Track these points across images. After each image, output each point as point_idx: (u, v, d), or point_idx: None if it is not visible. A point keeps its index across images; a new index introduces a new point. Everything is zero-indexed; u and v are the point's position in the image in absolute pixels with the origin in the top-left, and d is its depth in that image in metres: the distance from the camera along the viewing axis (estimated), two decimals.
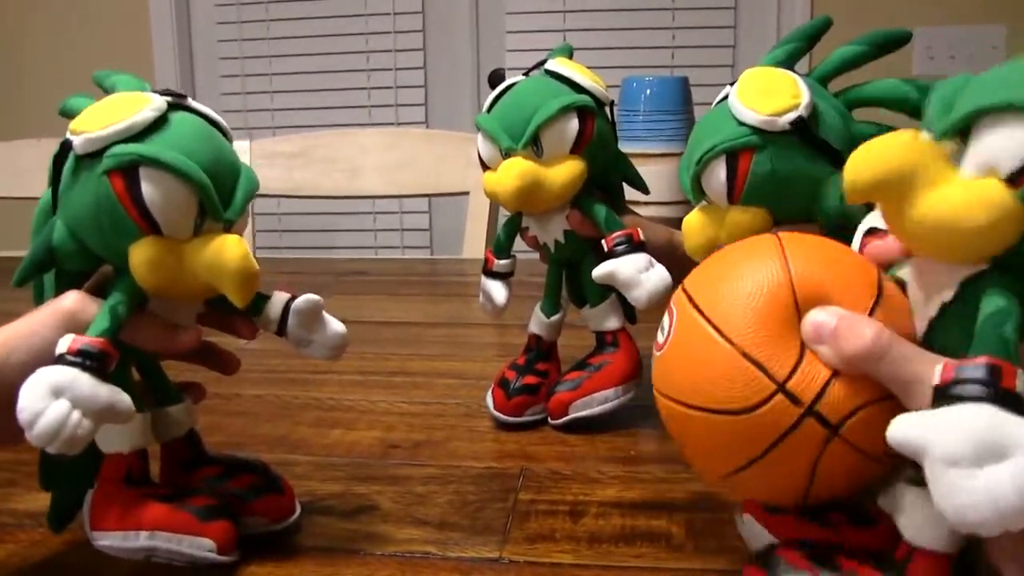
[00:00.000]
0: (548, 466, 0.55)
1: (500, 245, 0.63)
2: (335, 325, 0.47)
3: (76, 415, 0.36)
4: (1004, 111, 0.29)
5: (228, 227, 0.42)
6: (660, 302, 0.55)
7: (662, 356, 0.37)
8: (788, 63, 0.50)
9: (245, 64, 2.38)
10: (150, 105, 0.40)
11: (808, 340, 0.34)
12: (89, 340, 0.38)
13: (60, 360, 0.37)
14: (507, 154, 0.58)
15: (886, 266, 0.36)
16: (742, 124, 0.46)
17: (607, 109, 0.59)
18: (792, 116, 0.45)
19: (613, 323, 0.61)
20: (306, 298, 0.46)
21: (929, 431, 0.28)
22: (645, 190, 0.65)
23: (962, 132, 0.31)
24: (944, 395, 0.28)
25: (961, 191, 0.29)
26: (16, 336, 0.39)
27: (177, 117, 0.41)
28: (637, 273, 0.55)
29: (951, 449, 0.27)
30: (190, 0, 2.43)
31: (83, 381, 0.37)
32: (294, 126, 2.35)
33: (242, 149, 1.34)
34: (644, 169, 0.65)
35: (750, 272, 0.35)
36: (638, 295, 0.55)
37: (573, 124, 0.56)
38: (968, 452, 0.27)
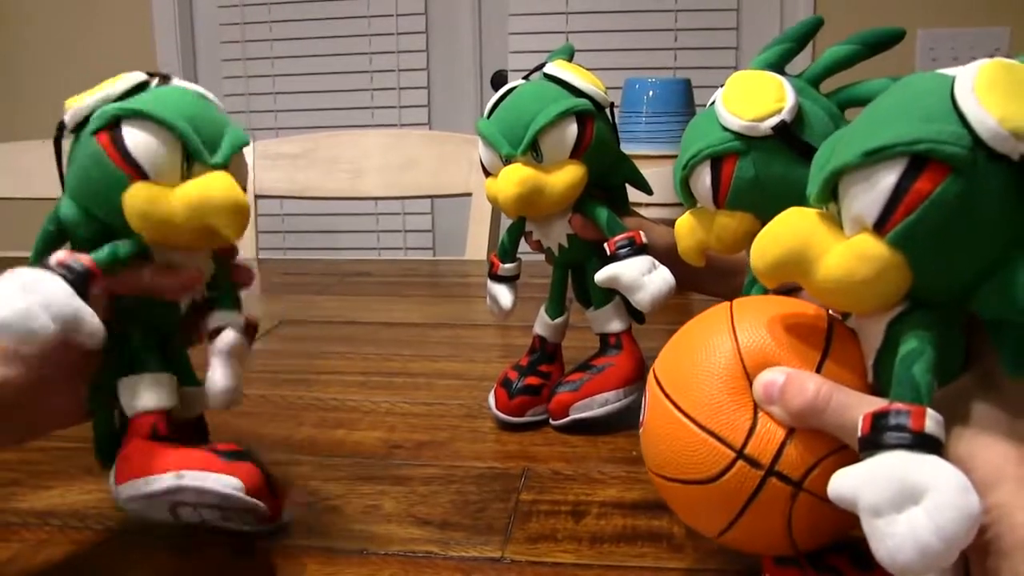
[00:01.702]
0: (550, 466, 0.55)
1: (505, 249, 0.63)
2: (224, 373, 0.44)
3: (42, 314, 0.36)
4: (851, 168, 0.31)
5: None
6: (664, 304, 0.56)
7: (643, 432, 0.39)
8: (779, 64, 0.49)
9: (248, 65, 2.39)
10: (132, 76, 0.42)
11: (760, 402, 0.35)
12: (77, 256, 0.40)
13: (43, 266, 0.39)
14: (507, 160, 0.58)
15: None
16: (726, 129, 0.46)
17: (607, 112, 0.59)
18: (774, 121, 0.45)
19: (617, 325, 0.62)
20: (227, 334, 0.45)
21: (855, 484, 0.29)
22: (648, 191, 0.65)
23: (833, 194, 0.33)
24: (866, 445, 0.30)
25: (843, 251, 0.31)
26: None
27: (161, 87, 0.43)
28: (640, 276, 0.55)
29: (872, 499, 0.28)
30: (193, 1, 2.44)
31: (56, 286, 0.38)
32: (297, 127, 2.35)
33: (245, 150, 1.35)
34: (647, 170, 0.65)
35: (701, 348, 0.37)
36: (641, 298, 0.55)
37: (572, 129, 0.57)
38: (887, 500, 0.28)
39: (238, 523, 0.43)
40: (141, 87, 0.43)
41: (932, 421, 0.29)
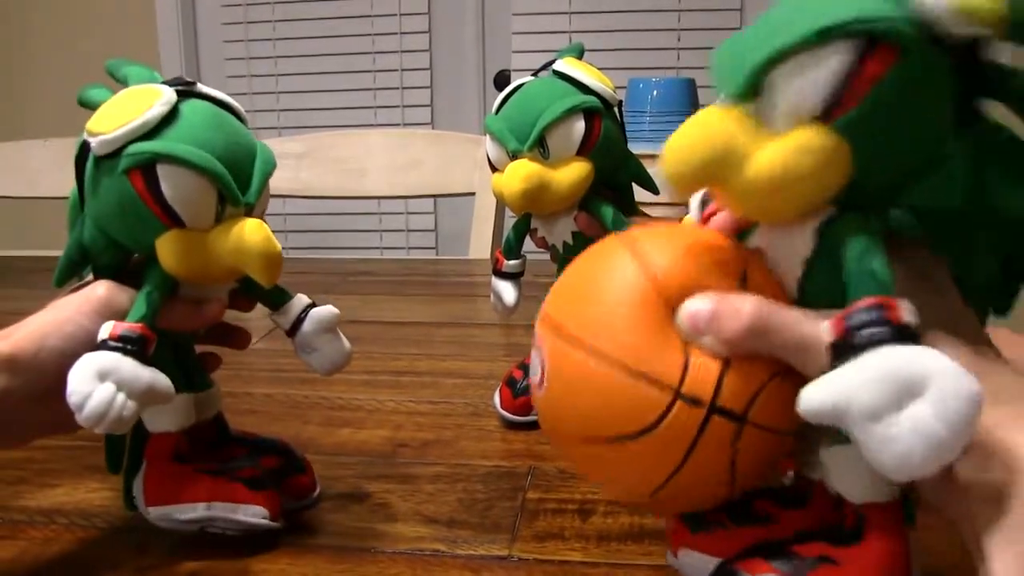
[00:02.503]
0: (556, 465, 0.55)
1: (510, 246, 0.63)
2: (344, 342, 0.49)
3: (121, 397, 0.38)
4: (794, 52, 0.28)
5: (249, 210, 0.42)
6: None
7: (543, 396, 0.34)
8: None
9: (251, 64, 2.39)
10: (160, 100, 0.40)
11: (688, 334, 0.31)
12: (129, 325, 0.40)
13: (103, 345, 0.39)
14: (514, 156, 0.58)
15: (735, 236, 0.35)
16: None
17: (615, 110, 0.59)
18: None
19: None
20: (327, 308, 0.48)
21: (841, 392, 0.27)
22: (655, 190, 0.65)
23: (758, 88, 0.30)
24: (842, 350, 0.27)
25: (780, 147, 0.29)
26: (51, 323, 0.41)
27: (188, 107, 0.41)
28: None
29: (868, 403, 0.26)
30: (196, 1, 2.44)
31: (126, 364, 0.39)
32: (299, 126, 2.36)
33: None
34: (651, 170, 0.65)
35: (606, 281, 0.33)
36: None
37: (579, 126, 0.56)
38: (886, 400, 0.26)
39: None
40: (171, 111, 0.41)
41: (907, 311, 0.27)
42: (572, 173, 0.57)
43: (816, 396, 0.27)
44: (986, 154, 0.30)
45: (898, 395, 0.26)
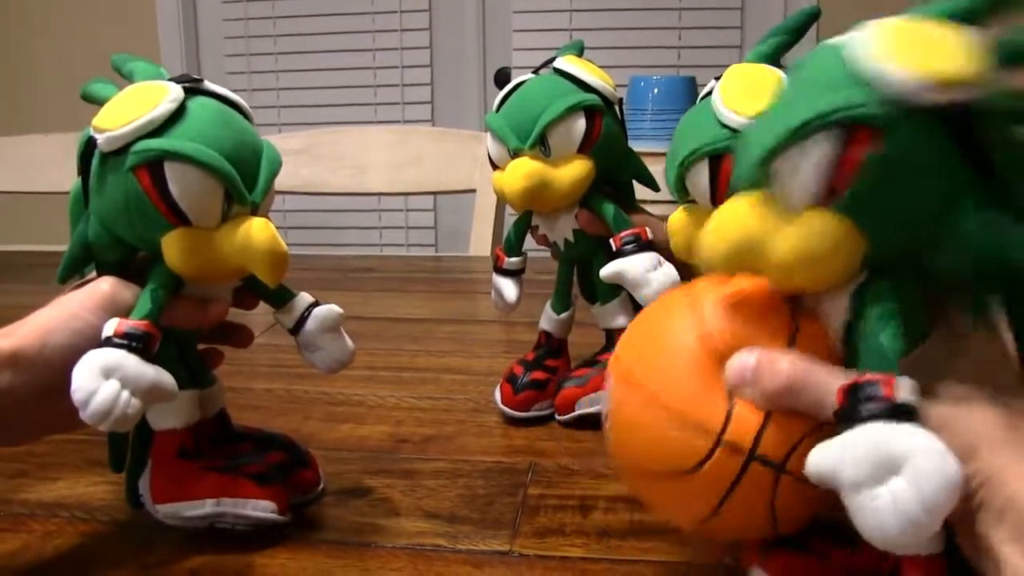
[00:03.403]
0: (557, 461, 0.56)
1: (511, 243, 0.63)
2: (347, 341, 0.49)
3: (125, 394, 0.38)
4: (781, 148, 0.31)
5: (255, 208, 0.42)
6: None
7: (610, 427, 0.37)
8: (774, 57, 0.49)
9: (251, 61, 2.39)
10: (168, 96, 0.40)
11: (733, 386, 0.34)
12: (134, 323, 0.40)
13: (107, 343, 0.39)
14: (515, 154, 0.58)
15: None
16: (724, 126, 0.46)
17: (616, 107, 0.59)
18: None
19: (623, 321, 0.62)
20: (331, 307, 0.48)
21: (833, 460, 0.29)
22: (655, 188, 0.65)
23: (765, 178, 0.32)
24: (842, 419, 0.29)
25: (793, 232, 0.31)
26: (56, 319, 0.41)
27: (195, 105, 0.41)
28: (645, 272, 0.55)
29: (852, 474, 0.28)
30: None
31: (130, 362, 0.39)
32: (299, 123, 2.36)
33: None
34: (652, 167, 0.65)
35: (668, 333, 0.36)
36: (646, 294, 0.55)
37: (580, 124, 0.57)
38: (866, 473, 0.28)
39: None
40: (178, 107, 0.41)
41: (904, 389, 0.29)
42: (573, 171, 0.57)
43: (817, 459, 0.30)
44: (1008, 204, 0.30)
45: (879, 470, 0.28)
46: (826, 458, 0.29)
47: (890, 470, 0.27)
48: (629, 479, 0.38)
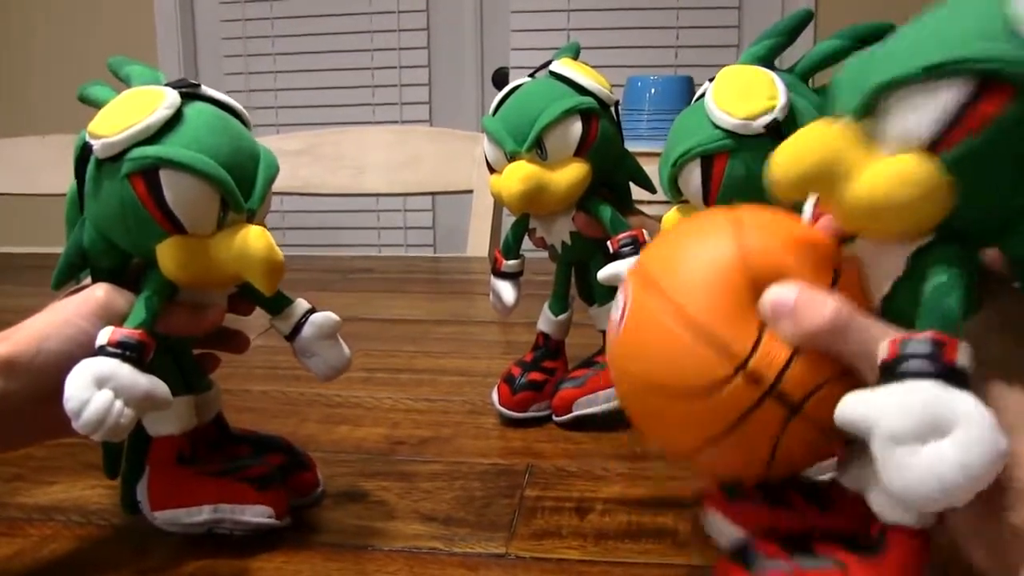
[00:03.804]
0: (554, 463, 0.56)
1: (508, 246, 0.63)
2: (343, 348, 0.49)
3: (118, 404, 0.37)
4: (907, 82, 0.29)
5: (251, 216, 0.42)
6: None
7: (618, 337, 0.36)
8: (768, 59, 0.49)
9: (249, 62, 2.39)
10: (164, 102, 0.40)
11: (766, 317, 0.32)
12: (128, 332, 0.39)
13: (101, 351, 0.39)
14: (512, 157, 0.58)
15: (838, 240, 0.36)
16: (716, 127, 0.46)
17: (612, 110, 0.59)
18: (766, 120, 0.45)
19: None
20: (327, 315, 0.48)
21: (874, 409, 0.28)
22: (652, 189, 0.65)
23: (873, 109, 0.30)
24: (889, 372, 0.28)
25: (884, 171, 0.29)
26: (50, 325, 0.41)
27: (192, 111, 0.41)
28: None
29: (894, 427, 0.27)
30: None
31: (124, 371, 0.38)
32: (297, 124, 2.35)
33: None
34: (649, 168, 0.65)
35: (704, 248, 0.34)
36: None
37: (576, 127, 0.57)
38: (910, 429, 0.27)
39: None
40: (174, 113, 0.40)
41: (965, 355, 0.28)
42: (570, 174, 0.57)
43: (852, 405, 0.29)
44: None
45: (923, 429, 0.27)
46: (866, 405, 0.28)
47: (937, 431, 0.27)
48: (631, 393, 0.36)
